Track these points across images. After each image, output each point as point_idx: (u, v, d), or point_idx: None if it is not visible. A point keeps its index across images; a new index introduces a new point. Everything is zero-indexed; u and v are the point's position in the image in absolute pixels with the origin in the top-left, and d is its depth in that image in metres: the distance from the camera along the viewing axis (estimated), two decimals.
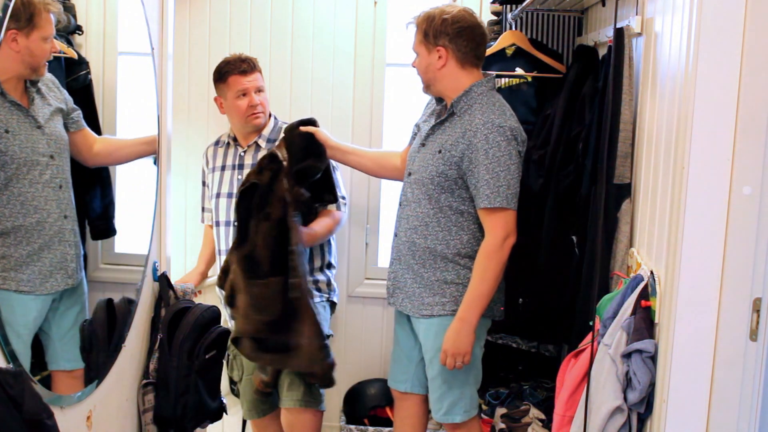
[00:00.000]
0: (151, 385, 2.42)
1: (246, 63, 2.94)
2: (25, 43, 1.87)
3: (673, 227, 1.81)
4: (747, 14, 1.68)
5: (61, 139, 2.05)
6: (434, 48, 2.53)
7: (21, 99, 1.92)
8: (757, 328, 1.74)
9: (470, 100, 2.53)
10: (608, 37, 2.36)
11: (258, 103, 2.95)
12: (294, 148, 2.71)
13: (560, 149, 2.71)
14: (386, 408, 3.43)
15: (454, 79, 2.55)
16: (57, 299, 2.02)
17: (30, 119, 1.94)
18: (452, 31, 2.50)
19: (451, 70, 2.54)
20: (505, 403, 3.13)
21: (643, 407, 1.90)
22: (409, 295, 2.64)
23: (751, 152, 1.71)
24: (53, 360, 1.96)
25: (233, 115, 2.99)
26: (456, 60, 2.53)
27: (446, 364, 2.52)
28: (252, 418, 3.09)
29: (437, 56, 2.53)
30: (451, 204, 2.55)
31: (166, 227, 2.62)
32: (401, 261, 2.66)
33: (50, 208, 1.96)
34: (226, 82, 2.94)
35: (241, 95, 2.93)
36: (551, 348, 3.19)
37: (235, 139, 3.05)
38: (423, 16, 2.56)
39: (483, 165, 2.45)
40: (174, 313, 2.43)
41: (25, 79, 1.92)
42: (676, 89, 1.85)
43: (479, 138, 2.45)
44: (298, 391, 2.88)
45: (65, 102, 2.07)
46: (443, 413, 2.65)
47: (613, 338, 1.94)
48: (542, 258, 2.77)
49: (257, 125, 2.98)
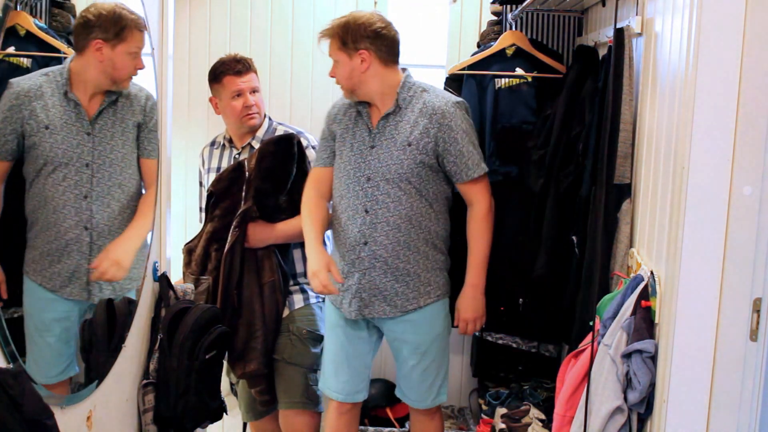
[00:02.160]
0: (151, 385, 2.42)
1: (241, 63, 2.93)
2: (110, 55, 1.92)
3: (673, 227, 1.81)
4: (747, 14, 1.68)
5: (111, 153, 2.06)
6: (356, 53, 2.57)
7: (87, 102, 1.94)
8: (757, 328, 1.74)
9: (411, 91, 2.63)
10: (608, 37, 2.36)
11: (253, 104, 2.94)
12: (262, 164, 2.77)
13: (560, 149, 2.71)
14: (386, 408, 3.44)
15: (380, 80, 2.61)
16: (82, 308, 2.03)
17: (82, 123, 1.95)
18: (371, 34, 2.57)
19: (376, 71, 2.59)
20: (505, 403, 3.13)
21: (644, 407, 1.90)
22: (391, 296, 2.64)
23: (751, 152, 1.71)
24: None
25: (228, 116, 2.98)
26: (379, 60, 2.59)
27: (467, 331, 2.74)
28: (250, 420, 3.09)
29: (359, 60, 2.57)
30: (435, 190, 2.63)
31: (166, 227, 2.62)
32: (376, 268, 2.62)
33: (67, 213, 1.96)
34: (221, 82, 2.92)
35: (236, 96, 2.92)
36: (551, 348, 3.19)
37: (230, 141, 3.04)
38: (336, 25, 2.60)
39: (461, 142, 2.59)
40: (174, 314, 2.43)
41: (104, 89, 1.97)
42: (676, 89, 1.84)
43: (448, 118, 2.57)
44: (296, 393, 2.88)
45: (147, 121, 2.15)
46: (433, 398, 2.75)
47: (613, 338, 1.94)
48: (542, 258, 2.77)
49: (252, 126, 2.97)
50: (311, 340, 2.91)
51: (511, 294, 3.04)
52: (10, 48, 1.77)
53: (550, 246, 2.75)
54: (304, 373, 2.88)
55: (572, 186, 2.61)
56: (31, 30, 1.86)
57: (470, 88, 3.05)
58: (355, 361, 2.76)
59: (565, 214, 2.67)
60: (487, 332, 3.19)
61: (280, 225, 2.84)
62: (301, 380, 2.87)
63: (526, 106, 3.00)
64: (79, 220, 1.99)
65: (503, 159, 2.98)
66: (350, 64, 2.58)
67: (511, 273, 2.97)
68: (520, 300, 3.04)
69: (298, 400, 2.89)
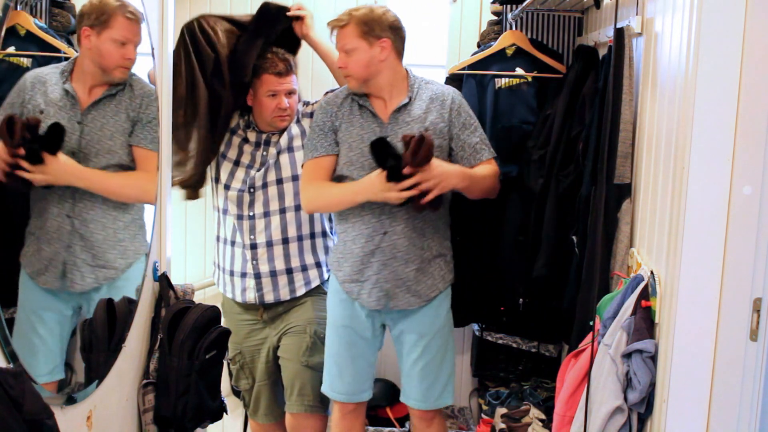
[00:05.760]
0: (151, 385, 2.42)
1: (284, 64, 2.90)
2: (96, 42, 1.93)
3: (673, 227, 1.81)
4: (747, 14, 1.68)
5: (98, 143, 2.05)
6: (377, 41, 2.59)
7: (83, 92, 1.95)
8: (758, 328, 1.74)
9: (417, 83, 2.69)
10: (608, 37, 2.36)
11: (286, 107, 2.92)
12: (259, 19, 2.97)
13: (560, 149, 2.71)
14: (386, 408, 3.44)
15: (393, 71, 2.65)
16: (78, 302, 2.03)
17: (75, 112, 1.96)
18: (392, 25, 2.62)
19: (391, 62, 2.64)
20: (505, 403, 3.13)
21: (644, 407, 1.90)
22: (413, 286, 2.65)
23: (752, 152, 1.71)
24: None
25: (259, 111, 2.96)
26: (395, 52, 2.64)
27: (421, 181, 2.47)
28: (269, 422, 3.09)
29: (380, 48, 2.60)
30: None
31: (166, 227, 2.62)
32: (397, 258, 2.64)
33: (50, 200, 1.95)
34: (260, 78, 2.90)
35: (271, 95, 2.91)
36: (551, 348, 3.20)
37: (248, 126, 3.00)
38: (357, 14, 2.61)
39: (471, 125, 2.67)
40: (174, 313, 2.43)
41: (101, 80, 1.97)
42: (677, 89, 1.84)
43: (457, 103, 2.67)
44: (309, 396, 2.89)
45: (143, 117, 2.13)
46: (436, 398, 2.72)
47: (613, 338, 1.94)
48: (542, 258, 2.77)
49: (280, 127, 2.97)
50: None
51: (511, 294, 3.04)
52: (10, 48, 1.77)
53: (550, 246, 2.74)
54: (320, 376, 2.90)
55: (572, 186, 2.61)
56: (31, 30, 1.85)
57: (470, 87, 3.05)
58: (360, 361, 2.77)
59: (565, 214, 2.67)
60: (487, 332, 3.19)
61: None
62: (318, 383, 2.89)
63: (526, 106, 3.00)
64: (61, 208, 1.99)
65: (503, 159, 2.97)
66: (370, 52, 2.60)
67: (511, 273, 2.97)
68: (520, 300, 3.04)
69: (312, 403, 2.90)
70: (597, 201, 2.27)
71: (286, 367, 2.97)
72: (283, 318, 3.01)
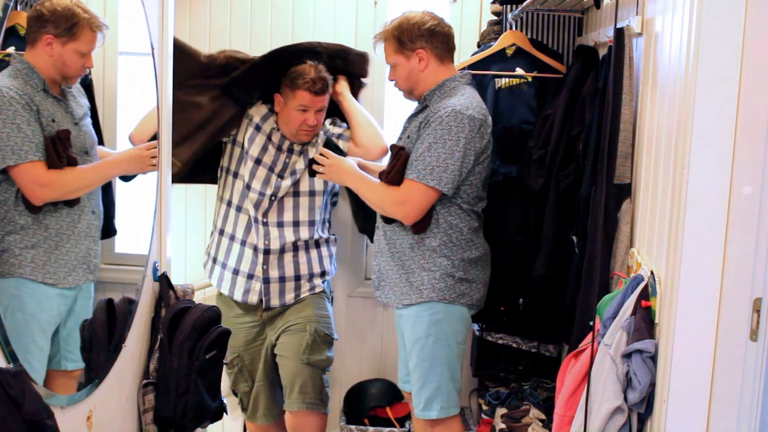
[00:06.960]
0: (151, 385, 2.42)
1: (321, 83, 2.89)
2: (60, 51, 1.91)
3: (673, 227, 1.81)
4: (747, 14, 1.68)
5: (91, 137, 2.09)
6: (413, 53, 2.61)
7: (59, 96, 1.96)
8: (758, 328, 1.74)
9: (443, 93, 2.62)
10: (608, 37, 2.36)
11: (314, 124, 2.93)
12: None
13: (560, 149, 2.71)
14: (386, 408, 3.43)
15: (435, 77, 2.64)
16: (74, 296, 2.03)
17: (69, 115, 1.98)
18: (426, 32, 2.60)
19: (433, 69, 2.64)
20: (505, 403, 3.13)
21: (644, 407, 1.90)
22: (392, 286, 2.69)
23: (751, 152, 1.71)
24: (55, 359, 1.96)
25: (285, 121, 2.96)
26: (436, 58, 2.63)
27: (322, 164, 2.72)
28: (269, 422, 3.10)
29: (417, 59, 2.61)
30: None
31: (166, 227, 2.62)
32: (383, 253, 2.71)
33: (83, 203, 2.00)
34: (294, 92, 2.89)
35: (302, 110, 2.90)
36: (551, 348, 3.19)
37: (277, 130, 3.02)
38: (391, 27, 2.63)
39: (427, 142, 2.53)
40: (174, 313, 2.43)
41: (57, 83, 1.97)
42: (677, 89, 1.84)
43: (435, 119, 2.54)
44: (310, 394, 2.91)
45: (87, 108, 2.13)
46: (421, 408, 2.69)
47: (613, 338, 1.94)
48: (542, 258, 2.77)
49: (303, 141, 2.99)
50: (326, 344, 2.98)
51: (511, 294, 3.04)
52: (10, 48, 1.77)
53: (550, 246, 2.75)
54: (320, 374, 2.91)
55: (572, 186, 2.61)
56: None
57: None
58: (402, 351, 2.84)
59: (565, 214, 2.67)
60: (487, 332, 3.19)
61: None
62: (318, 381, 2.90)
63: (526, 106, 3.01)
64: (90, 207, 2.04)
65: (503, 159, 2.98)
66: (408, 65, 2.64)
67: (511, 273, 2.96)
68: (520, 300, 3.04)
69: (313, 401, 2.92)
70: (597, 201, 2.27)
71: (285, 366, 2.97)
72: (282, 317, 3.02)
